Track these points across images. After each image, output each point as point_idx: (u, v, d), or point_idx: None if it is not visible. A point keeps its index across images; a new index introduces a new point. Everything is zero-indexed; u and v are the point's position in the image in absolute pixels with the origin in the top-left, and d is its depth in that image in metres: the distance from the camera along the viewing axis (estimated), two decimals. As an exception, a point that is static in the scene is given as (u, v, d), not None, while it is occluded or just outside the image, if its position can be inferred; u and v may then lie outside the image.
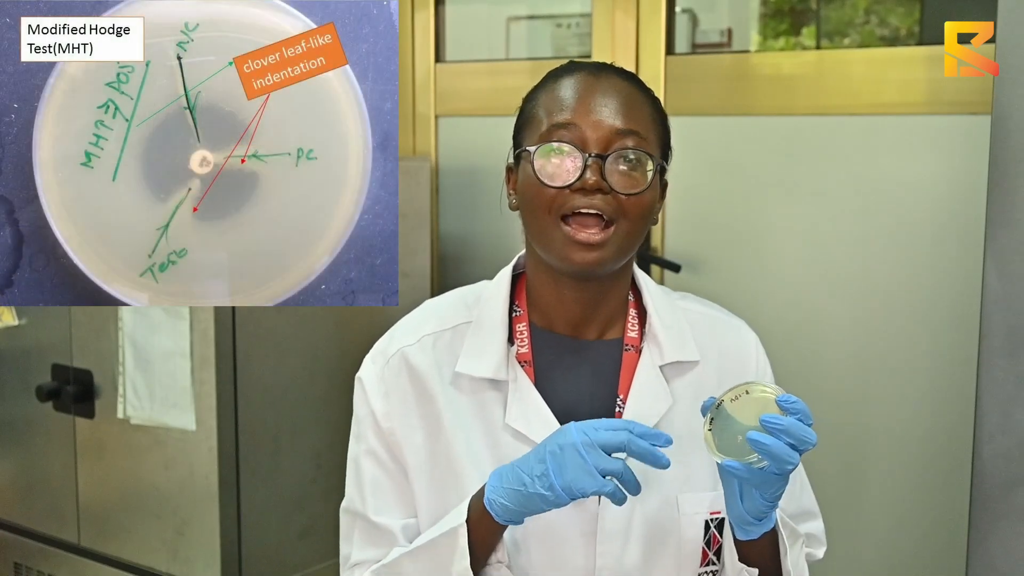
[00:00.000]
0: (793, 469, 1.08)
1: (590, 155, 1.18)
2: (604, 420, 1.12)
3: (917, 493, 2.34)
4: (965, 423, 2.02)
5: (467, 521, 1.16)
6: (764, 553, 1.21)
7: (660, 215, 1.29)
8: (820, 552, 1.37)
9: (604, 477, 1.09)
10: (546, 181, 1.19)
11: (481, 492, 1.17)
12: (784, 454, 1.06)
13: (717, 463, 1.11)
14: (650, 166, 1.20)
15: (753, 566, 1.22)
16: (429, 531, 1.22)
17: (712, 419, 1.11)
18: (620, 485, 1.10)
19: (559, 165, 1.19)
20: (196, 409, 2.16)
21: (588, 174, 1.17)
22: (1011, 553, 1.69)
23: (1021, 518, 1.68)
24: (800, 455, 1.08)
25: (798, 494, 1.35)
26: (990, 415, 1.69)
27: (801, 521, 1.34)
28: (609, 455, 1.10)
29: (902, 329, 2.33)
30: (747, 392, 1.11)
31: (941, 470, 2.29)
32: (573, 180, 1.18)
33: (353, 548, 1.31)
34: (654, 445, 1.10)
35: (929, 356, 2.30)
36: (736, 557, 1.22)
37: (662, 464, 1.10)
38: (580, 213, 1.18)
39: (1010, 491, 1.68)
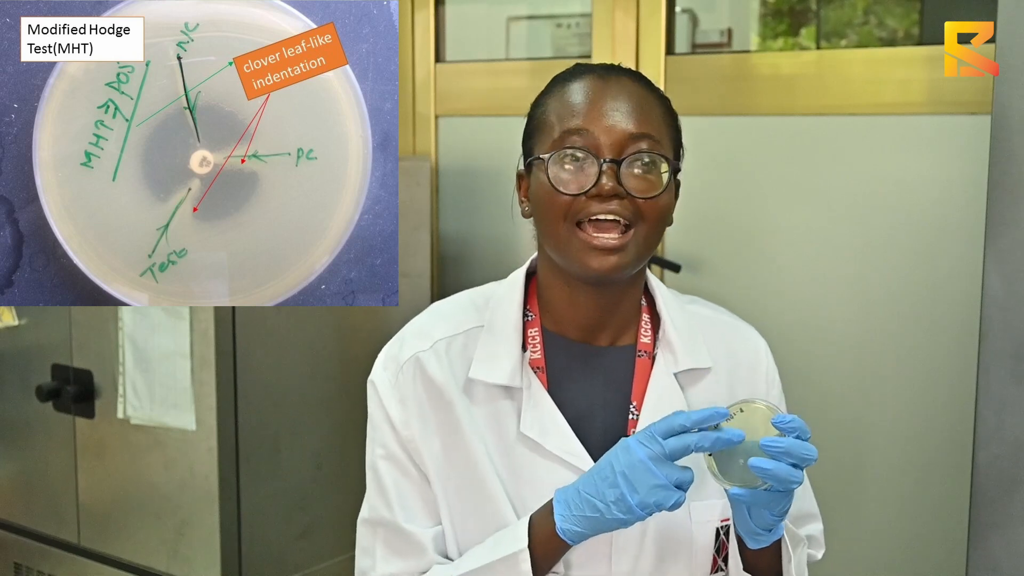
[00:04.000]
0: (798, 486, 1.09)
1: (605, 160, 1.17)
2: (660, 424, 1.10)
3: (917, 493, 2.34)
4: (965, 423, 2.02)
5: (529, 543, 1.14)
6: (769, 559, 1.21)
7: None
8: (819, 554, 1.37)
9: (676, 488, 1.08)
10: (561, 188, 1.18)
11: (541, 513, 1.16)
12: (788, 475, 1.07)
13: (724, 490, 1.11)
14: (665, 168, 1.20)
15: (758, 571, 1.22)
16: (478, 552, 1.19)
17: None
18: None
19: (574, 172, 1.18)
20: (196, 409, 2.16)
21: (604, 180, 1.16)
22: (1012, 553, 1.68)
23: (1021, 519, 1.67)
24: (803, 471, 1.08)
25: (800, 496, 1.34)
26: (990, 415, 1.69)
27: (802, 523, 1.34)
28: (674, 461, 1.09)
29: (902, 330, 2.33)
30: (741, 411, 1.10)
31: (941, 471, 2.29)
32: (589, 187, 1.17)
33: (377, 561, 1.26)
34: (716, 426, 1.09)
35: (929, 357, 2.30)
36: (741, 566, 1.22)
37: (737, 439, 1.08)
38: (597, 219, 1.17)
39: (1010, 492, 1.68)
